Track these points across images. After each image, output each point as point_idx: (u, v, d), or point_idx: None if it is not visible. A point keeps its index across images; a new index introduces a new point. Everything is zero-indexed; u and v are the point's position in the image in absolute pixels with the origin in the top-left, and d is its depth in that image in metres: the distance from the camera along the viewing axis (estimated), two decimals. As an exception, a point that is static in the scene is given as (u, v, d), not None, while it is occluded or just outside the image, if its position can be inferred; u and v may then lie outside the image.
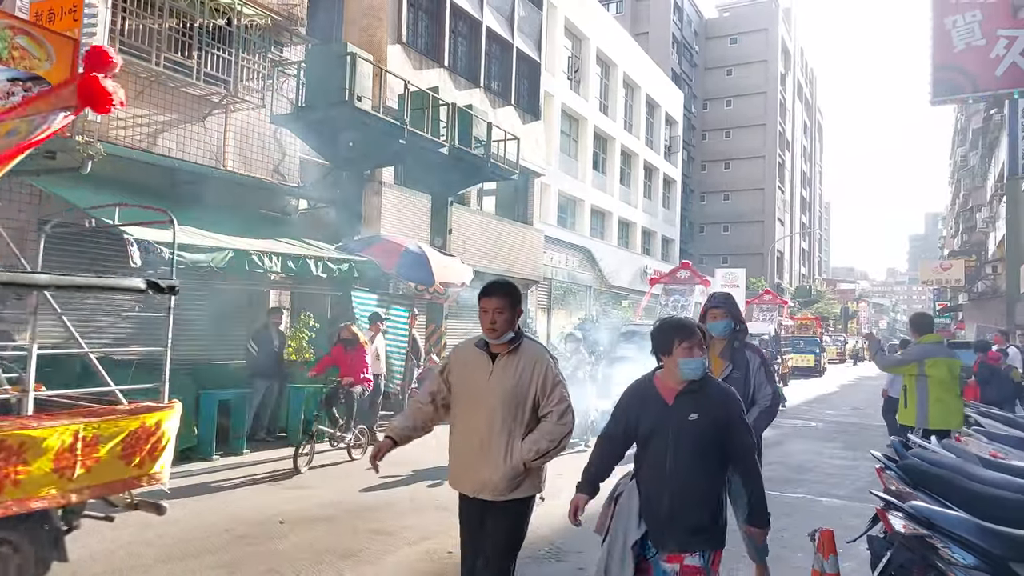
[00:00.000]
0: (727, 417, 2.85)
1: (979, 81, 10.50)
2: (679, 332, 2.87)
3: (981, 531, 3.04)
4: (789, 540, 5.54)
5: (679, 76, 45.97)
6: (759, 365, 3.98)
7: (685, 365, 2.83)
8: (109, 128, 8.99)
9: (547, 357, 3.07)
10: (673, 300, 18.28)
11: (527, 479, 3.08)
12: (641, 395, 2.97)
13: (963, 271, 34.08)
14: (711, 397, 2.86)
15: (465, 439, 3.10)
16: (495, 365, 3.06)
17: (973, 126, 31.79)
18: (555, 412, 3.02)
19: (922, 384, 5.91)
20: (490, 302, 3.01)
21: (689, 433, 2.81)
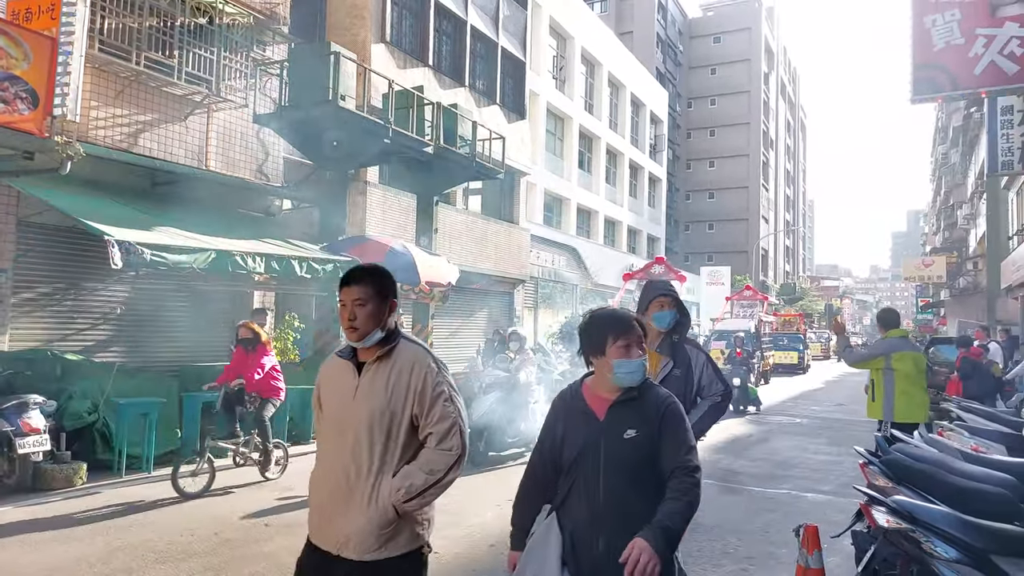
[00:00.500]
0: (665, 430, 2.23)
1: (959, 79, 10.64)
2: (613, 327, 2.29)
3: (963, 525, 3.07)
4: (774, 536, 5.58)
5: (664, 75, 46.18)
6: (705, 362, 3.58)
7: (620, 368, 2.24)
8: (88, 128, 8.86)
9: (428, 361, 2.29)
10: None
11: (405, 529, 2.25)
12: (566, 409, 2.35)
13: (945, 267, 34.57)
14: (650, 407, 2.27)
15: (325, 479, 2.31)
16: (362, 378, 2.29)
17: (954, 124, 32.23)
18: (435, 434, 2.23)
19: (888, 378, 5.93)
20: (349, 292, 2.27)
21: (626, 454, 2.20)
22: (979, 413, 6.36)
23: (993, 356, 11.35)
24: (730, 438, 10.69)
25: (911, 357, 5.95)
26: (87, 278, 9.11)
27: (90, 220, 7.52)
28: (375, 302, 2.27)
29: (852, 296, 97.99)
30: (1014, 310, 21.78)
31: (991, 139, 15.29)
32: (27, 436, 6.41)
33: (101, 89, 9.19)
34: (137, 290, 9.69)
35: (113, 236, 7.11)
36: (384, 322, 2.29)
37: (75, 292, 9.11)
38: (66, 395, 7.31)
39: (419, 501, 2.22)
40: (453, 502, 6.38)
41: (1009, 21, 10.41)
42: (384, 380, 2.27)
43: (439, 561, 4.87)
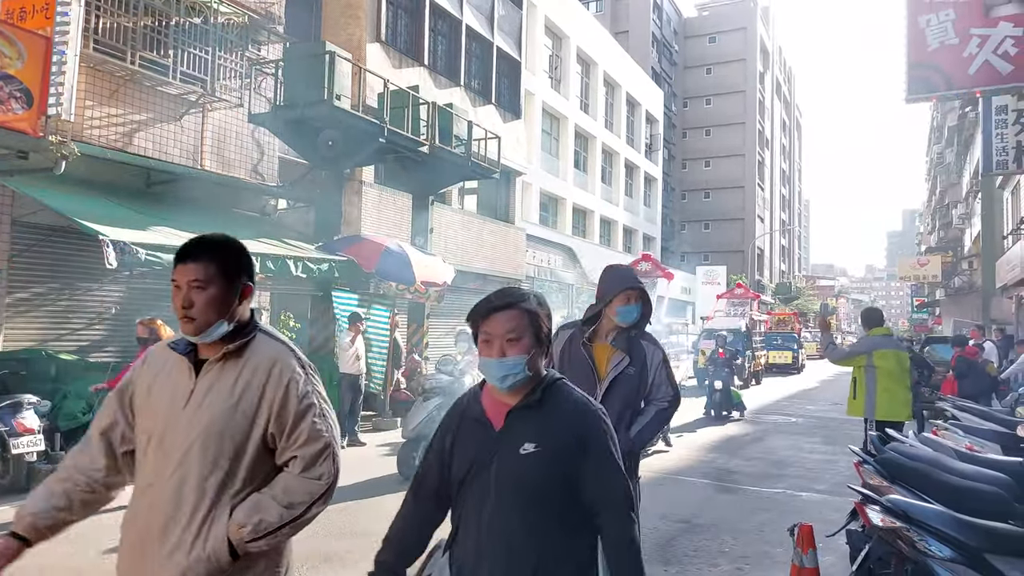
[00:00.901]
0: (583, 445, 1.72)
1: (953, 79, 10.67)
2: (478, 313, 1.77)
3: (957, 523, 3.08)
4: (770, 535, 5.59)
5: (659, 75, 46.23)
6: (660, 362, 3.13)
7: (486, 367, 1.74)
8: (83, 128, 8.82)
9: (292, 363, 1.78)
10: None
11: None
12: (460, 417, 1.84)
13: (940, 267, 34.69)
14: (559, 415, 1.75)
15: (141, 512, 1.76)
16: (199, 381, 1.75)
17: (949, 123, 32.33)
18: (300, 458, 1.73)
19: (871, 375, 5.94)
20: (183, 271, 1.75)
21: (521, 474, 1.69)
22: (974, 412, 6.39)
23: (988, 355, 11.39)
24: (725, 437, 10.71)
25: (894, 355, 5.95)
26: (82, 278, 9.08)
27: (85, 220, 7.50)
28: (219, 284, 1.74)
29: (848, 295, 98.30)
30: (1008, 309, 21.88)
31: (986, 139, 15.35)
32: (21, 436, 6.38)
33: (96, 88, 9.16)
34: (132, 290, 9.66)
35: (108, 236, 7.09)
36: (233, 311, 1.77)
37: (70, 292, 9.07)
38: (60, 395, 7.28)
39: (268, 541, 1.70)
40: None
41: (1003, 21, 10.45)
42: (229, 385, 1.73)
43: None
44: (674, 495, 6.90)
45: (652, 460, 8.64)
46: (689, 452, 9.32)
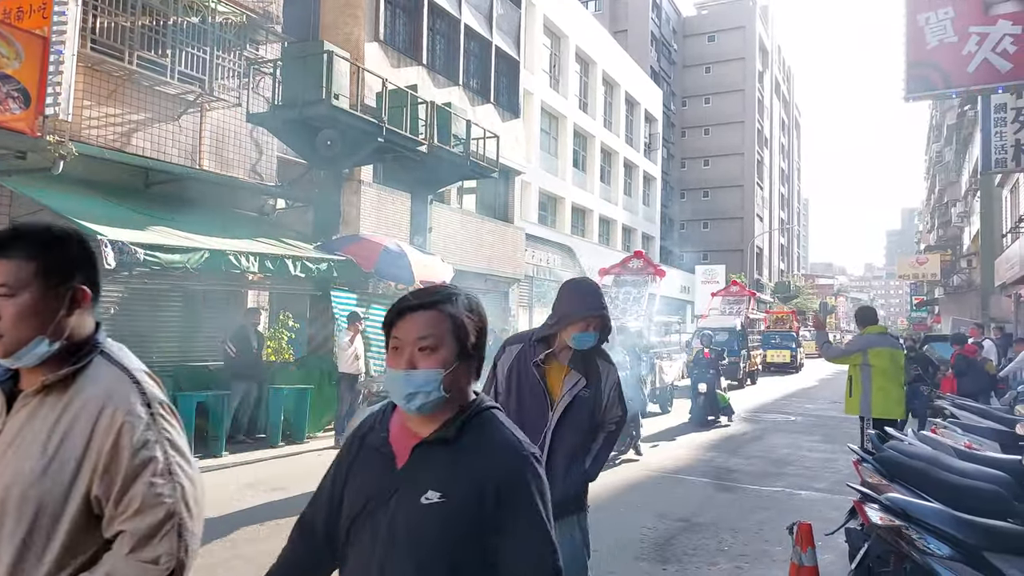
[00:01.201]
0: (501, 499, 1.33)
1: (952, 77, 10.66)
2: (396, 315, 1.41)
3: (956, 522, 3.08)
4: (769, 534, 5.59)
5: (658, 74, 46.23)
6: (615, 383, 2.88)
7: (391, 381, 1.38)
8: (81, 128, 8.81)
9: (131, 399, 1.33)
10: (624, 292, 15.96)
11: None
12: (359, 442, 1.48)
13: (939, 265, 34.71)
14: (477, 457, 1.36)
15: None
16: (9, 419, 1.35)
17: (948, 122, 32.34)
18: (130, 533, 1.28)
19: (866, 373, 5.98)
20: None
21: (419, 528, 1.33)
22: (972, 410, 6.39)
23: (987, 353, 11.39)
24: (724, 436, 10.71)
25: (888, 353, 5.98)
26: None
27: (83, 220, 7.48)
28: (36, 289, 1.31)
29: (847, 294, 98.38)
30: (1007, 307, 21.90)
31: (985, 137, 15.35)
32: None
33: (94, 88, 9.14)
34: (130, 290, 9.65)
35: (106, 236, 7.07)
36: (58, 325, 1.33)
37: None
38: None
39: None
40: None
41: (1002, 19, 10.45)
42: (46, 429, 1.30)
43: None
44: (673, 494, 6.90)
45: (652, 458, 8.64)
46: (688, 451, 9.32)
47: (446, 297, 1.41)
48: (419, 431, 1.40)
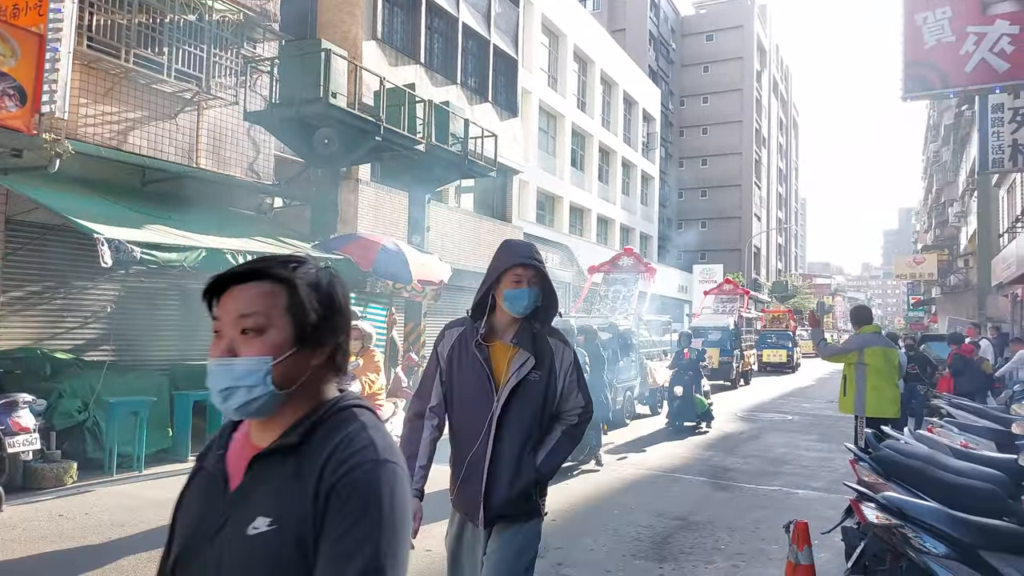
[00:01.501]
0: (333, 505, 1.02)
1: (949, 77, 10.67)
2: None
3: (952, 520, 3.09)
4: (766, 532, 5.60)
5: (656, 73, 46.23)
6: (571, 364, 2.48)
7: (209, 372, 1.15)
8: (77, 126, 8.78)
9: None
10: (614, 290, 15.66)
11: None
12: (196, 467, 1.20)
13: (936, 265, 34.75)
14: (319, 464, 1.06)
15: None
16: None
17: (945, 122, 32.40)
18: None
19: (860, 373, 6.04)
20: None
21: (248, 565, 1.03)
22: (969, 409, 6.41)
23: (984, 353, 11.42)
24: (721, 435, 10.72)
25: (882, 352, 6.04)
26: (77, 276, 9.04)
27: (79, 218, 7.46)
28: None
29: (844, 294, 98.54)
30: (1004, 307, 21.95)
31: (982, 137, 15.37)
32: (17, 435, 6.35)
33: (90, 86, 9.11)
34: (127, 288, 9.63)
35: (103, 234, 7.05)
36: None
37: (65, 291, 9.03)
38: (56, 394, 7.26)
39: None
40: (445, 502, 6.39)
41: (1000, 19, 10.46)
42: None
43: (432, 559, 4.87)
44: (670, 493, 6.91)
45: (649, 457, 8.65)
46: (685, 450, 9.33)
47: (281, 264, 1.11)
48: (258, 442, 1.10)
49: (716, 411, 11.61)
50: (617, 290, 15.65)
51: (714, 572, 4.72)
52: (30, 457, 6.54)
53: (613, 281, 16.13)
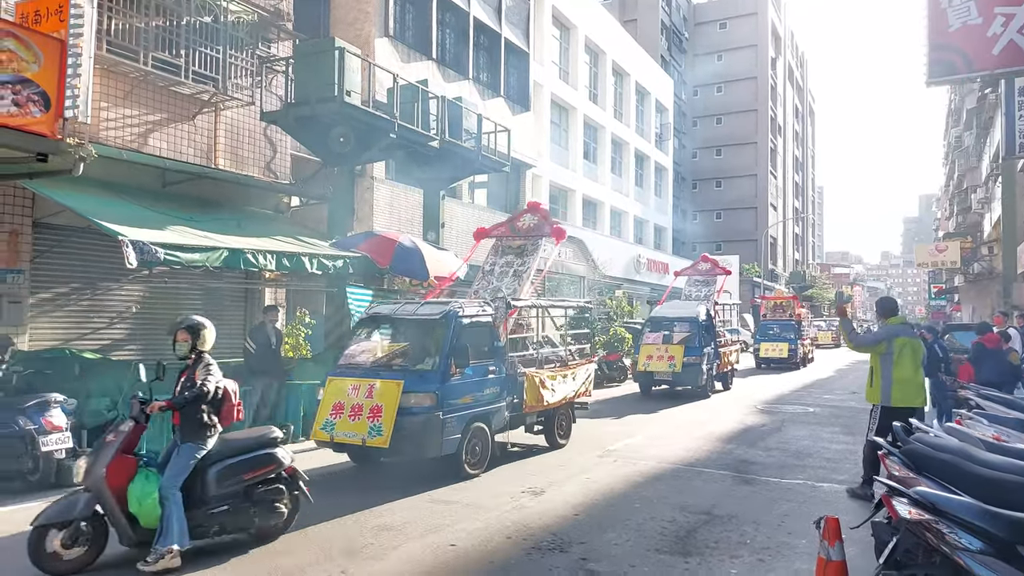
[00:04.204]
0: None
1: (975, 61, 10.45)
2: None
3: (986, 515, 3.05)
4: (792, 526, 5.57)
5: (668, 63, 45.81)
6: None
7: None
8: (99, 129, 8.90)
9: None
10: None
11: None
12: None
13: (959, 253, 34.16)
14: None
15: None
16: None
17: (967, 106, 31.79)
18: None
19: (887, 363, 6.24)
20: None
21: None
22: (998, 401, 6.31)
23: (1013, 343, 11.20)
24: (743, 428, 10.67)
25: (909, 343, 6.29)
26: (103, 277, 9.19)
27: (104, 220, 7.58)
28: None
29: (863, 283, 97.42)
30: (1029, 295, 21.53)
31: (1008, 121, 15.06)
32: (50, 434, 6.50)
33: (110, 90, 9.23)
34: (151, 289, 9.77)
35: (127, 236, 7.16)
36: None
37: (91, 291, 9.19)
38: (85, 393, 7.40)
39: None
40: (469, 497, 6.42)
41: (1028, -2, 10.21)
42: None
43: (457, 553, 4.90)
44: (692, 486, 6.89)
45: (670, 451, 8.62)
46: (706, 443, 9.29)
47: None
48: None
49: (731, 404, 11.66)
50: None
51: (740, 567, 4.71)
52: (63, 455, 6.68)
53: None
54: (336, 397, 6.93)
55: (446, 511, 5.94)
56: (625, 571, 4.59)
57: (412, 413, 6.66)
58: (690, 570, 4.63)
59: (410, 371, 7.11)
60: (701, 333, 14.52)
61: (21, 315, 8.30)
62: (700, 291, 18.20)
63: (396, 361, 7.67)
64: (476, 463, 7.27)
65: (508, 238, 10.08)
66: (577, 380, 9.22)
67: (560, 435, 8.97)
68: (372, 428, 6.61)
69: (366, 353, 7.70)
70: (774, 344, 22.80)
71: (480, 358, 7.46)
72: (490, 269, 9.75)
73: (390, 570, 4.62)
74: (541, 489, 6.70)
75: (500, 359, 7.74)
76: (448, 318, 7.26)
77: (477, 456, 7.29)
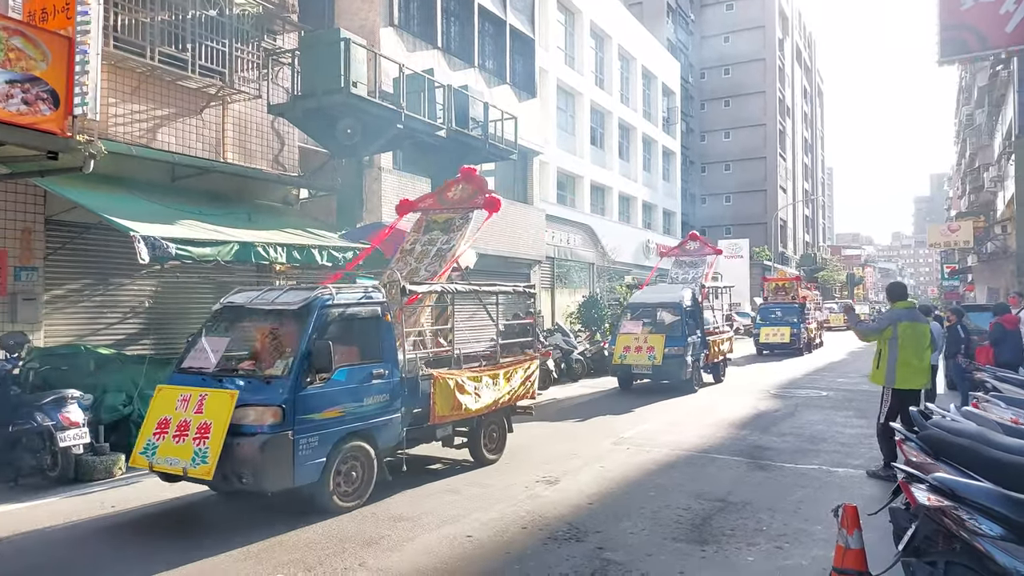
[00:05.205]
0: None
1: (989, 39, 10.30)
2: None
3: (1007, 500, 3.02)
4: (808, 512, 5.56)
5: (675, 46, 45.31)
6: None
7: None
8: (108, 125, 8.92)
9: None
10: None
11: None
12: None
13: (972, 232, 33.78)
14: None
15: None
16: None
17: (979, 83, 31.31)
18: None
19: (892, 346, 6.49)
20: None
21: None
22: (1015, 383, 6.26)
23: (1027, 323, 11.05)
24: (756, 414, 10.65)
25: (912, 327, 6.50)
26: (115, 273, 9.25)
27: (115, 216, 7.62)
28: None
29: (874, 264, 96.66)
30: (1044, 274, 21.27)
31: (1020, 98, 14.80)
32: (67, 430, 6.58)
33: (118, 86, 9.24)
34: (163, 283, 9.83)
35: (138, 232, 7.20)
36: None
37: (104, 287, 9.26)
38: (101, 388, 7.47)
39: None
40: (484, 487, 6.45)
41: (1041, -25, 10.03)
42: None
43: (473, 544, 4.94)
44: (707, 473, 6.89)
45: (683, 437, 8.62)
46: (719, 429, 9.28)
47: None
48: None
49: (747, 388, 11.57)
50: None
51: (757, 554, 4.71)
52: (80, 451, 6.76)
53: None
54: (163, 412, 5.43)
55: (461, 502, 5.98)
56: (642, 560, 4.60)
57: (249, 433, 5.14)
58: (707, 558, 4.64)
59: (253, 378, 5.50)
60: (686, 320, 13.07)
61: (36, 312, 8.38)
62: (688, 273, 16.23)
63: (245, 365, 5.81)
64: (352, 493, 5.71)
65: (434, 211, 8.71)
66: (514, 381, 7.65)
67: (489, 449, 7.40)
68: (197, 453, 5.06)
69: (215, 353, 5.86)
70: (775, 329, 21.37)
71: (361, 359, 5.97)
72: (410, 248, 8.37)
73: (407, 561, 4.66)
74: (555, 478, 6.72)
75: (392, 359, 6.13)
76: (310, 308, 5.66)
77: (355, 484, 5.74)
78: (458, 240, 8.16)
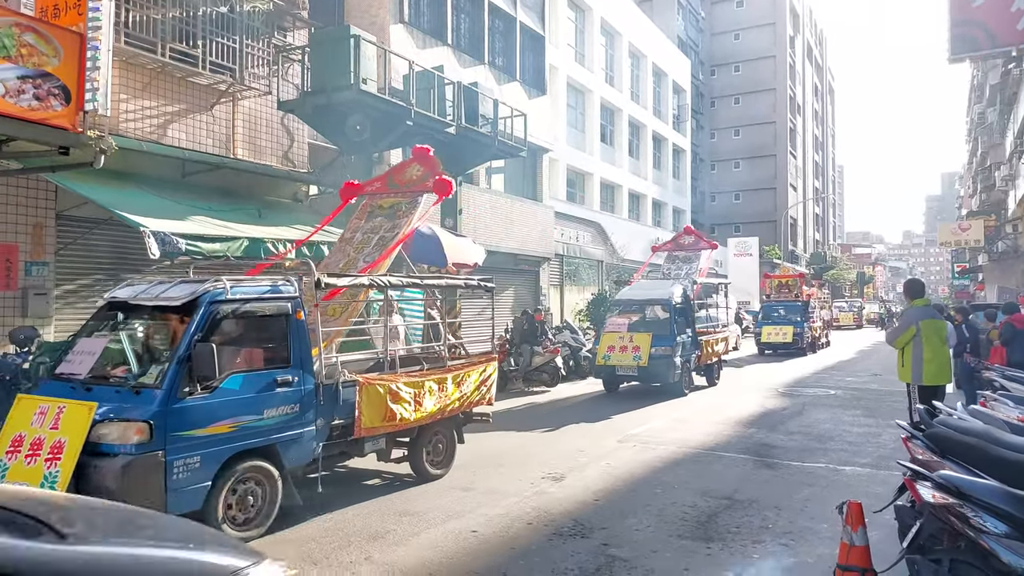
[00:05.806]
0: None
1: (999, 36, 10.20)
2: None
3: (1012, 498, 3.02)
4: (814, 511, 5.55)
5: (685, 43, 45.11)
6: None
7: None
8: (119, 121, 9.00)
9: None
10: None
11: None
12: None
13: (983, 231, 33.51)
14: None
15: None
16: None
17: (991, 82, 31.00)
18: None
19: (917, 344, 6.66)
20: None
21: None
22: (1022, 381, 6.22)
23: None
24: (763, 412, 10.62)
25: (933, 324, 6.69)
26: (126, 268, 9.33)
27: (126, 212, 7.69)
28: None
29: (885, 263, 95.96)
30: (1056, 274, 21.07)
31: (1033, 97, 14.66)
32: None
33: (129, 82, 9.31)
34: (174, 278, 9.88)
35: (149, 227, 7.27)
36: None
37: (114, 282, 9.31)
38: (111, 384, 7.53)
39: None
40: (490, 482, 6.48)
41: (1054, -29, 9.92)
42: None
43: (478, 539, 4.96)
44: (713, 471, 6.89)
45: (689, 435, 8.61)
46: (726, 427, 9.27)
47: None
48: None
49: (755, 386, 11.35)
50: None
51: (763, 552, 4.71)
52: (91, 444, 6.82)
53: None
54: (18, 427, 4.58)
55: (467, 497, 6.01)
56: (647, 557, 4.61)
57: (109, 453, 4.34)
58: (712, 555, 4.65)
59: (119, 388, 4.67)
60: (675, 318, 12.24)
61: (47, 307, 8.47)
62: (681, 269, 15.37)
63: (118, 371, 5.02)
64: (250, 520, 4.89)
65: (380, 196, 7.96)
66: (466, 386, 6.79)
67: (433, 463, 6.57)
68: (47, 478, 4.28)
69: (90, 356, 4.98)
70: (777, 328, 20.52)
71: (264, 363, 5.19)
72: (350, 237, 7.65)
73: (413, 555, 4.69)
74: (561, 475, 6.74)
75: (303, 363, 5.30)
76: (196, 304, 4.84)
77: (253, 509, 4.91)
78: (404, 227, 7.32)
